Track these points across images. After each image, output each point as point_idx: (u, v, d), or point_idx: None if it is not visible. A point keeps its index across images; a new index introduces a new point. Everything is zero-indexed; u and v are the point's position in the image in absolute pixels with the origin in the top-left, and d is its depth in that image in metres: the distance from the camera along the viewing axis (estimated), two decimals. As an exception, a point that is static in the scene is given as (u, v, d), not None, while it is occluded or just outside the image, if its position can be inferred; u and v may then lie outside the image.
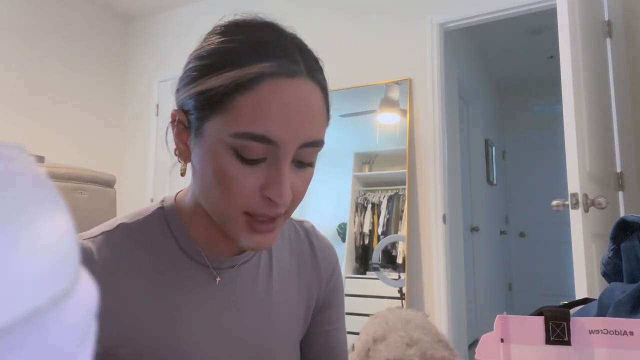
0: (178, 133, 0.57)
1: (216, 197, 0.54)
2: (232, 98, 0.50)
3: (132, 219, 0.62)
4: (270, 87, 0.50)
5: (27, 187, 0.17)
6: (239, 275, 0.64)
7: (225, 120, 0.50)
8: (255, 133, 0.50)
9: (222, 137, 0.51)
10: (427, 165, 2.72)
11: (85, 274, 0.20)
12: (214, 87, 0.51)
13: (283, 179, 0.52)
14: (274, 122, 0.50)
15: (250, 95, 0.50)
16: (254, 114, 0.50)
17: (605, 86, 2.15)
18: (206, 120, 0.52)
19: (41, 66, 3.40)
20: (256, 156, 0.51)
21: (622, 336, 0.43)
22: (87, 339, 0.18)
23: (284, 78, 0.51)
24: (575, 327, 0.44)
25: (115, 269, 0.57)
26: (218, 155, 0.52)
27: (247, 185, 0.52)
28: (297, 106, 0.51)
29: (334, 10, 3.14)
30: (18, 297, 0.15)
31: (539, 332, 0.45)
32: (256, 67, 0.50)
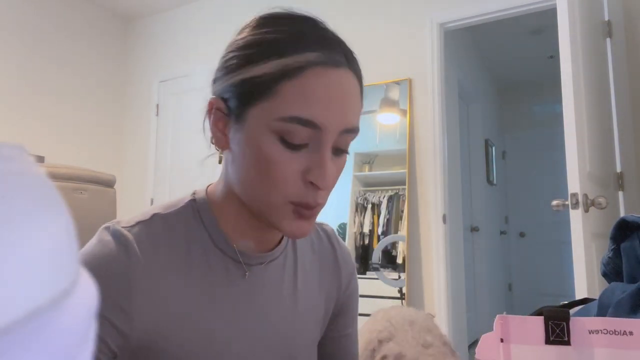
0: (215, 121, 0.58)
1: (258, 184, 0.55)
2: (279, 84, 0.52)
3: (166, 210, 0.62)
4: (315, 74, 0.52)
5: (27, 187, 0.17)
6: (267, 273, 0.65)
7: (270, 105, 0.52)
8: (301, 117, 0.52)
9: (268, 122, 0.52)
10: (427, 165, 2.72)
11: (85, 274, 0.20)
12: (260, 74, 0.52)
13: (326, 163, 0.54)
14: (319, 107, 0.52)
15: (297, 81, 0.52)
16: (300, 99, 0.51)
17: (605, 86, 2.15)
18: (250, 106, 0.53)
19: (41, 66, 3.40)
20: (300, 141, 0.53)
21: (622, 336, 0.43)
22: (87, 339, 0.18)
23: (328, 67, 0.53)
24: (575, 327, 0.44)
25: (153, 260, 0.57)
26: (262, 140, 0.53)
27: (290, 170, 0.53)
28: (340, 93, 0.53)
29: (334, 10, 3.14)
30: (18, 297, 0.15)
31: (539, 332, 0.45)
32: (302, 55, 0.52)
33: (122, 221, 0.59)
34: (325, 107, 0.52)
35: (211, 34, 3.64)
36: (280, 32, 0.54)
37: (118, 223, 0.59)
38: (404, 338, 0.62)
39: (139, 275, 0.55)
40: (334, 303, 0.75)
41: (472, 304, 3.87)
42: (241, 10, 3.52)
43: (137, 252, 0.56)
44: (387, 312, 0.72)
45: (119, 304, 0.54)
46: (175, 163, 3.58)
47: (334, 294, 0.74)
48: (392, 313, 0.70)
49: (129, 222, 0.59)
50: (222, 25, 3.60)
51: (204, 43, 3.65)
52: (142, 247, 0.57)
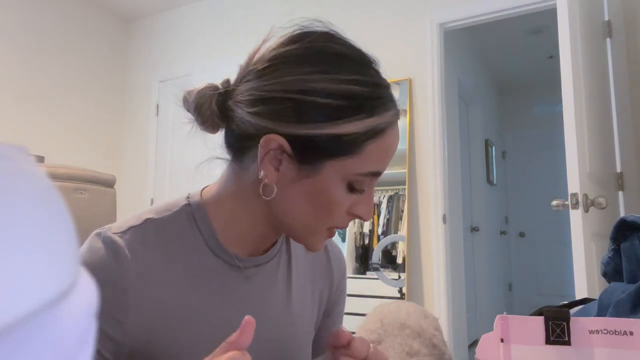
0: (271, 159, 0.55)
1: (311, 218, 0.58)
2: (366, 143, 0.54)
3: (159, 214, 0.61)
4: (392, 132, 0.57)
5: (27, 187, 0.17)
6: (263, 275, 0.65)
7: (353, 162, 0.55)
8: (375, 171, 0.57)
9: (346, 174, 0.55)
10: (427, 165, 2.72)
11: (85, 274, 0.20)
12: (350, 132, 0.53)
13: (372, 200, 0.60)
14: (388, 160, 0.58)
15: (381, 141, 0.55)
16: (381, 157, 0.56)
17: (605, 86, 2.15)
18: (329, 159, 0.54)
19: (41, 66, 3.40)
20: (364, 187, 0.58)
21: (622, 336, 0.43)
22: (87, 339, 0.18)
23: (396, 122, 0.58)
24: (575, 327, 0.44)
25: (146, 267, 0.56)
26: (332, 188, 0.56)
27: (345, 208, 0.58)
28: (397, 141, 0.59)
29: (334, 10, 3.14)
30: (18, 297, 0.15)
31: (539, 332, 0.45)
32: (387, 115, 0.56)
33: (114, 226, 0.58)
34: (389, 158, 0.58)
35: (211, 34, 3.64)
36: (362, 83, 0.55)
37: (109, 229, 0.58)
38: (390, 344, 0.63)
39: (131, 282, 0.55)
40: (325, 302, 0.75)
41: (472, 304, 3.87)
42: (241, 10, 3.52)
43: (129, 259, 0.55)
44: (382, 310, 0.72)
45: (111, 313, 0.53)
46: (175, 163, 3.58)
47: (325, 293, 0.75)
48: (387, 310, 0.70)
49: (120, 227, 0.58)
50: (222, 25, 3.60)
51: (204, 43, 3.65)
52: (134, 254, 0.56)
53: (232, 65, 3.34)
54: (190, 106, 0.61)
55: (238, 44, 3.48)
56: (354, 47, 0.60)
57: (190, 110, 0.61)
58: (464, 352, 3.29)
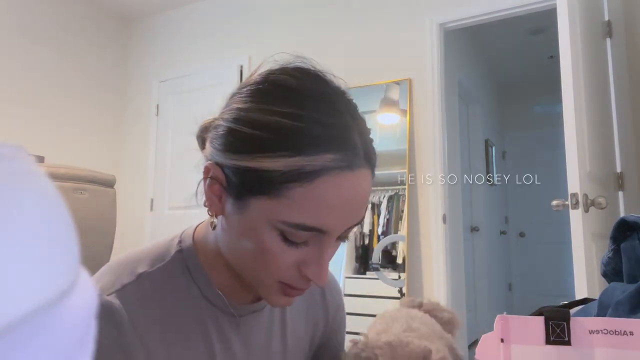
0: (211, 185, 0.53)
1: (250, 262, 0.53)
2: (289, 186, 0.47)
3: (153, 266, 0.57)
4: (331, 181, 0.48)
5: (26, 187, 0.17)
6: (259, 320, 0.63)
7: (276, 205, 0.48)
8: (308, 225, 0.48)
9: (271, 220, 0.49)
10: (427, 165, 2.72)
11: (85, 274, 0.20)
12: (269, 169, 0.47)
13: (325, 262, 0.51)
14: (329, 215, 0.48)
15: (309, 187, 0.47)
16: (310, 207, 0.48)
17: (605, 86, 2.15)
18: (253, 196, 0.49)
19: (41, 66, 3.40)
20: (301, 240, 0.50)
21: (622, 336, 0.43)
22: (87, 339, 0.18)
23: (345, 171, 0.48)
24: (575, 327, 0.44)
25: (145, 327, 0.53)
26: (261, 232, 0.50)
27: (287, 261, 0.51)
28: (354, 199, 0.50)
29: (334, 10, 3.13)
30: (18, 297, 0.15)
31: (539, 332, 0.45)
32: (320, 158, 0.47)
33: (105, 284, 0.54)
34: (335, 214, 0.49)
35: (211, 34, 3.63)
36: (297, 118, 0.48)
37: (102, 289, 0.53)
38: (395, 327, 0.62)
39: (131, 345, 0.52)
40: (320, 336, 0.74)
41: (472, 304, 3.87)
42: (241, 10, 3.52)
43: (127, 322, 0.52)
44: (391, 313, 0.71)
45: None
46: (175, 163, 3.57)
47: (320, 325, 0.73)
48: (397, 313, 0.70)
49: (113, 284, 0.54)
50: (222, 26, 3.60)
51: (204, 43, 3.65)
52: (132, 316, 0.53)
53: (232, 65, 3.35)
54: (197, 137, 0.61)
55: (238, 45, 3.48)
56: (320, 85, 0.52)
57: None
58: (464, 352, 3.29)
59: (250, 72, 3.51)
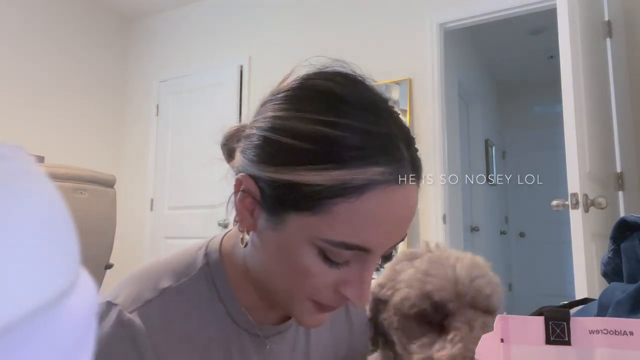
0: (242, 199, 0.49)
1: (286, 283, 0.49)
2: (334, 202, 0.43)
3: (178, 280, 0.54)
4: (379, 196, 0.44)
5: (26, 187, 0.17)
6: (284, 342, 0.61)
7: (319, 222, 0.44)
8: (353, 244, 0.45)
9: (311, 237, 0.45)
10: (427, 165, 2.72)
11: (85, 274, 0.19)
12: (312, 182, 0.43)
13: (367, 282, 0.48)
14: (375, 233, 0.45)
15: (356, 203, 0.43)
16: (356, 224, 0.44)
17: (605, 86, 2.15)
18: (292, 212, 0.45)
19: (41, 66, 3.40)
20: (343, 260, 0.46)
21: (622, 336, 0.43)
22: (87, 339, 0.18)
23: (394, 185, 0.45)
24: (575, 327, 0.44)
25: (166, 345, 0.50)
26: (300, 250, 0.46)
27: (325, 282, 0.47)
28: (403, 216, 0.47)
29: (334, 10, 3.13)
30: (18, 297, 0.15)
31: (539, 332, 0.45)
32: (367, 171, 0.43)
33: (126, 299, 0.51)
34: (381, 232, 0.45)
35: (211, 34, 3.63)
36: (343, 128, 0.44)
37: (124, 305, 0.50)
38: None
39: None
40: (344, 351, 0.70)
41: (472, 304, 3.86)
42: (241, 10, 3.52)
43: (147, 345, 0.49)
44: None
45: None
46: (175, 163, 3.57)
47: (343, 346, 0.70)
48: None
49: (135, 300, 0.51)
50: (222, 25, 3.60)
51: (204, 43, 3.65)
52: (153, 335, 0.50)
53: (232, 65, 3.35)
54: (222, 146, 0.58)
55: (238, 45, 3.48)
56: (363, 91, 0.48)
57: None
58: (464, 352, 3.29)
59: (250, 72, 3.49)
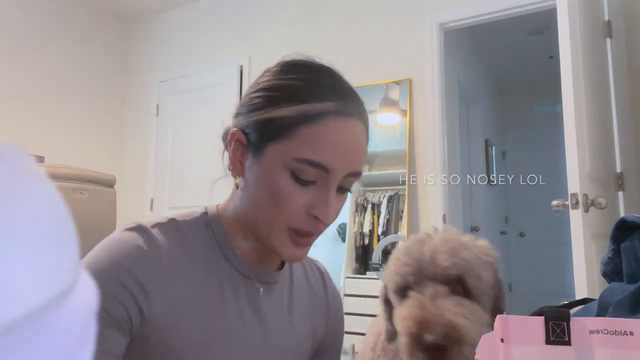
0: (235, 150, 0.63)
1: (266, 211, 0.60)
2: (298, 128, 0.58)
3: (182, 218, 0.65)
4: (332, 123, 0.58)
5: (27, 187, 0.17)
6: (271, 293, 0.68)
7: (287, 146, 0.58)
8: (314, 160, 0.57)
9: (283, 159, 0.58)
10: (427, 165, 2.72)
11: (85, 274, 0.19)
12: (282, 116, 0.59)
13: (330, 202, 0.59)
14: (330, 153, 0.58)
15: (314, 127, 0.58)
16: (315, 144, 0.57)
17: (605, 86, 2.15)
18: (269, 143, 0.59)
19: (41, 66, 3.40)
20: (309, 178, 0.58)
21: (622, 336, 0.43)
22: (87, 339, 0.18)
23: (343, 117, 0.59)
24: (575, 327, 0.44)
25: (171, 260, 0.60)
26: (276, 174, 0.58)
27: (297, 202, 0.59)
28: (349, 142, 0.60)
29: (334, 10, 3.13)
30: (18, 297, 0.15)
31: (539, 332, 0.45)
32: (320, 104, 0.58)
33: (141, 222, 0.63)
34: (336, 153, 0.58)
35: (211, 34, 3.63)
36: (302, 80, 0.60)
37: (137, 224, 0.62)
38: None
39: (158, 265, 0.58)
40: (320, 338, 0.77)
41: (472, 304, 3.86)
42: (241, 10, 3.52)
43: (159, 244, 0.60)
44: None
45: (141, 282, 0.56)
46: (176, 163, 3.57)
47: (320, 331, 0.76)
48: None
49: (147, 223, 0.62)
50: (222, 25, 3.60)
51: (204, 43, 3.65)
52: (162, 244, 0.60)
53: (232, 65, 3.34)
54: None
55: (238, 45, 3.47)
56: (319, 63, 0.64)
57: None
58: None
59: (250, 72, 3.47)
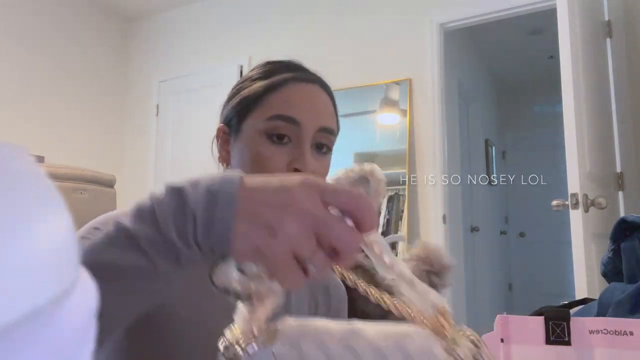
0: (222, 143, 0.73)
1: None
2: (266, 97, 0.67)
3: None
4: (294, 86, 0.68)
5: (27, 187, 0.17)
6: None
7: (260, 113, 0.67)
8: (283, 114, 0.65)
9: (258, 125, 0.66)
10: (427, 165, 2.72)
11: (85, 273, 0.19)
12: (250, 93, 0.69)
13: (306, 153, 0.65)
14: (296, 107, 0.66)
15: (279, 91, 0.67)
16: (282, 103, 0.66)
17: (605, 86, 2.15)
18: (245, 119, 0.68)
19: (41, 66, 3.40)
20: (284, 132, 0.65)
21: (622, 336, 0.43)
22: (87, 339, 0.18)
23: (303, 82, 0.69)
24: (575, 327, 0.44)
25: None
26: (254, 143, 0.66)
27: (277, 162, 0.65)
28: (314, 99, 0.68)
29: (334, 10, 3.13)
30: (18, 297, 0.15)
31: (539, 332, 0.45)
32: (282, 75, 0.69)
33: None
34: (301, 107, 0.66)
35: (211, 34, 3.63)
36: (267, 66, 0.72)
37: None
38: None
39: None
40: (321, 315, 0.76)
41: (472, 304, 3.87)
42: (241, 10, 3.52)
43: None
44: None
45: None
46: (176, 163, 3.57)
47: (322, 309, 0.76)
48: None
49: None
50: (222, 25, 3.60)
51: (204, 43, 3.65)
52: None
53: (232, 65, 3.35)
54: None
55: (238, 45, 3.47)
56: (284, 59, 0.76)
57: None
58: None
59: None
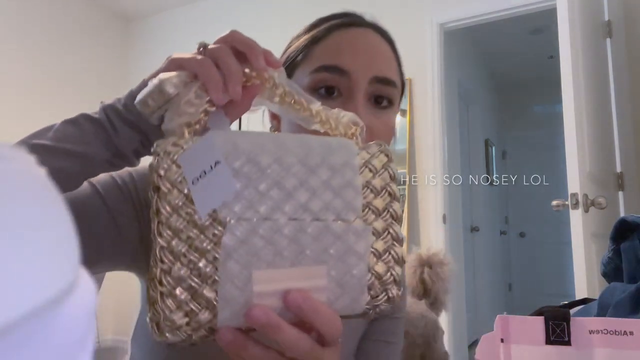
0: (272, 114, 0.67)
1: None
2: (309, 50, 0.61)
3: None
4: (339, 33, 0.61)
5: (27, 187, 0.17)
6: None
7: (305, 67, 0.60)
8: (328, 64, 0.58)
9: (303, 80, 0.60)
10: (427, 165, 2.72)
11: (85, 273, 0.19)
12: (294, 50, 0.63)
13: (359, 107, 0.58)
14: (343, 55, 0.59)
15: (324, 43, 0.61)
16: (327, 54, 0.60)
17: (605, 86, 2.15)
18: (295, 69, 0.62)
19: (41, 66, 3.40)
20: (332, 84, 0.59)
21: (622, 336, 0.43)
22: (87, 339, 0.18)
23: (350, 27, 0.62)
24: (575, 327, 0.44)
25: None
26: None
27: None
28: (363, 43, 0.61)
29: (334, 10, 3.13)
30: (17, 297, 0.15)
31: (539, 332, 0.45)
32: (328, 23, 0.63)
33: None
34: (349, 54, 0.59)
35: (211, 34, 3.62)
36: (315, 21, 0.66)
37: None
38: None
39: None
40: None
41: (472, 304, 3.87)
42: (241, 9, 3.52)
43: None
44: None
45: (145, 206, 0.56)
46: (175, 163, 3.57)
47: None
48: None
49: None
50: (222, 25, 3.59)
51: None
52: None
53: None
54: None
55: (238, 44, 3.47)
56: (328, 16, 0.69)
57: None
58: (464, 352, 3.29)
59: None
